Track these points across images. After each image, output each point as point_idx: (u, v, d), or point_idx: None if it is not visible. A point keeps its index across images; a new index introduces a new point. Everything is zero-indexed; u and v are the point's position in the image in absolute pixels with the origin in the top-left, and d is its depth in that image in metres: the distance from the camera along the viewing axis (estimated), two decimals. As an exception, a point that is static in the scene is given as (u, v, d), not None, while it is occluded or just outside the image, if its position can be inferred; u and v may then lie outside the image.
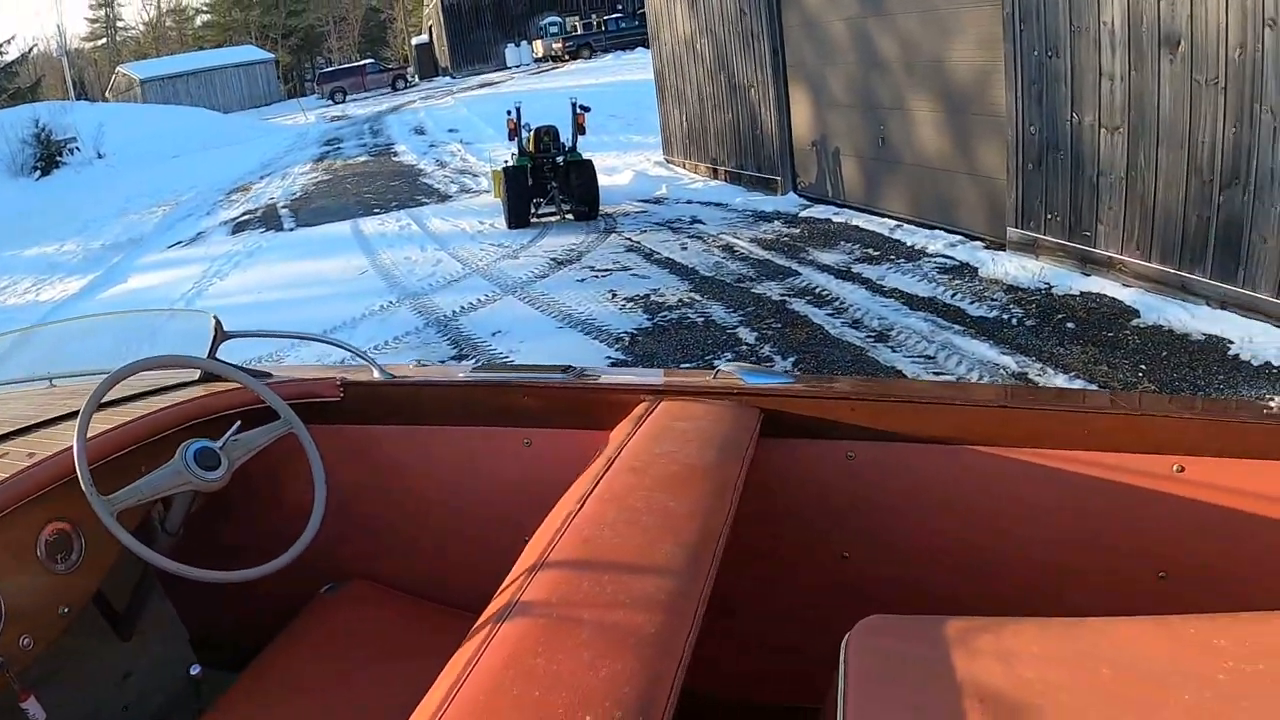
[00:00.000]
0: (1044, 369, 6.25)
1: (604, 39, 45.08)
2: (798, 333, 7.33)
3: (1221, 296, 6.54)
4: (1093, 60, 7.36)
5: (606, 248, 10.63)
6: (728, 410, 2.14)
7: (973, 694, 1.19)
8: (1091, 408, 2.16)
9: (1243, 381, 5.75)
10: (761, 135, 12.61)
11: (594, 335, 7.68)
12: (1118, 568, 2.11)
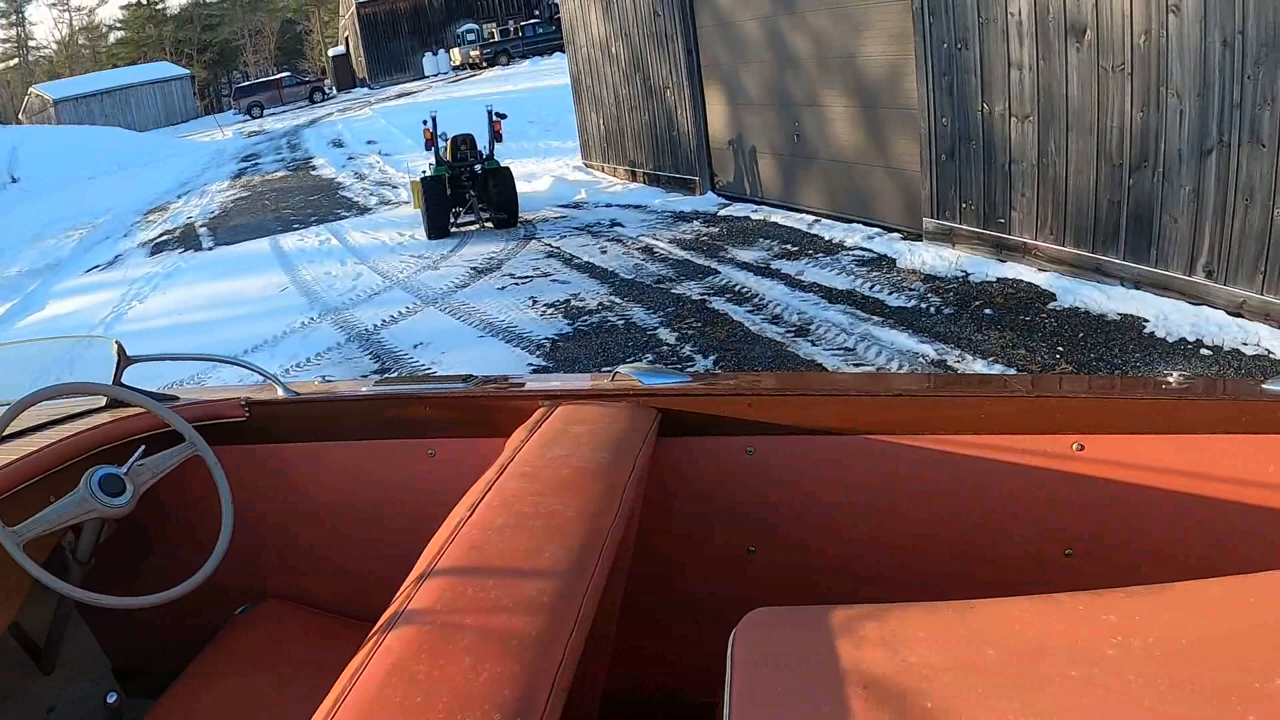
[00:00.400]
0: (963, 355, 6.21)
1: (521, 45, 44.50)
2: (718, 331, 7.25)
3: (1135, 276, 6.56)
4: (1001, 51, 7.36)
5: (527, 255, 10.50)
6: (623, 412, 2.12)
7: (856, 681, 1.17)
8: (987, 392, 2.18)
9: (1158, 358, 5.76)
10: (678, 136, 12.51)
11: (515, 343, 7.57)
12: (1024, 548, 2.10)
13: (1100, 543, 2.07)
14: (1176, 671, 1.14)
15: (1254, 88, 5.64)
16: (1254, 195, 5.71)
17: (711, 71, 11.66)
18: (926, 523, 2.15)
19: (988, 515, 2.11)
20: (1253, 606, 1.28)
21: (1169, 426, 1.99)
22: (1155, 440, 2.00)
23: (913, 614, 1.30)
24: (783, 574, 2.25)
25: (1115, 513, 2.05)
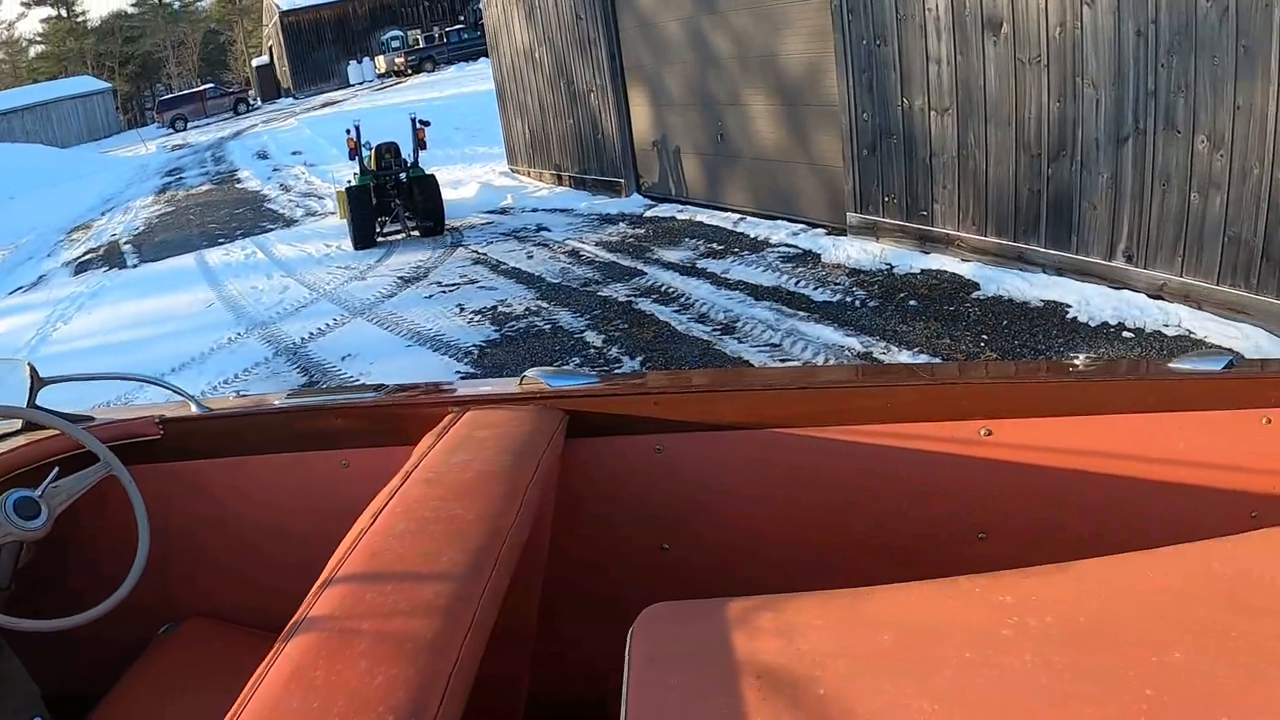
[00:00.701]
0: (888, 347, 6.16)
1: (446, 51, 43.60)
2: (645, 332, 7.16)
3: (1057, 263, 6.55)
4: (920, 46, 7.33)
5: (453, 262, 10.31)
6: (530, 415, 2.10)
7: (750, 672, 1.15)
8: (893, 381, 2.16)
9: (1081, 342, 5.75)
10: (603, 139, 12.39)
11: (443, 351, 7.40)
12: (938, 534, 2.10)
13: (1013, 526, 2.07)
14: (1073, 650, 1.14)
15: (1168, 75, 5.65)
16: (1171, 180, 5.72)
17: (635, 73, 11.56)
18: (839, 513, 2.14)
19: (900, 503, 2.11)
20: (1151, 581, 1.28)
21: (1075, 408, 2.00)
22: (1062, 422, 2.01)
23: (809, 602, 1.28)
24: (697, 570, 2.23)
25: (1026, 495, 2.05)
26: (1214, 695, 1.07)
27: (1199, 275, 5.65)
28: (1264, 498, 2.04)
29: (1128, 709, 1.04)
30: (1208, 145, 5.50)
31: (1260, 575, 1.28)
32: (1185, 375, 2.02)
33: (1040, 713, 1.06)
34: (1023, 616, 1.19)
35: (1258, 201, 5.28)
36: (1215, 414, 2.01)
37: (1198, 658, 1.12)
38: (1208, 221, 5.56)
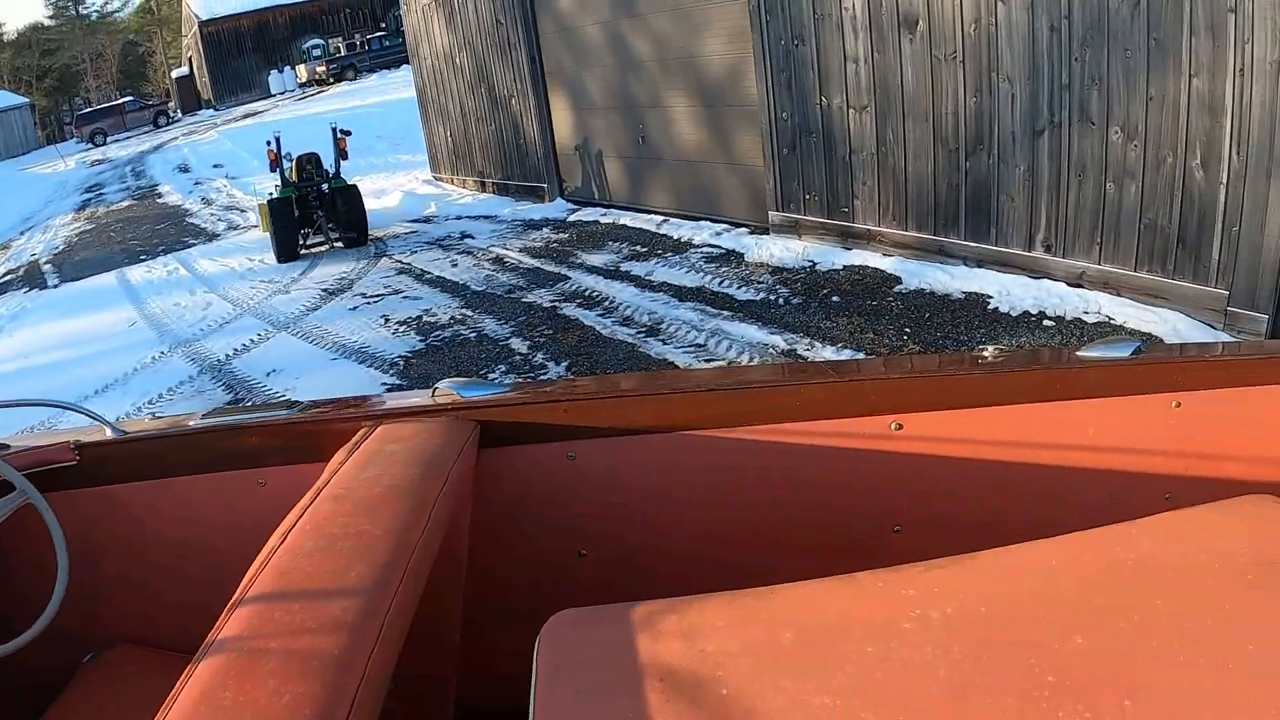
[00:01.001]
0: (812, 344, 6.08)
1: (368, 59, 42.10)
2: (569, 337, 7.03)
3: (978, 256, 6.52)
4: (837, 45, 7.27)
5: (377, 273, 10.04)
6: (440, 427, 2.06)
7: (654, 675, 1.15)
8: (801, 380, 2.16)
9: (1003, 331, 5.71)
10: (525, 144, 12.21)
11: (368, 363, 7.21)
12: (854, 529, 2.10)
13: (927, 518, 2.07)
14: (974, 639, 1.15)
15: (1081, 69, 5.63)
16: (1086, 171, 5.70)
17: (556, 78, 11.40)
18: (754, 512, 2.12)
19: (814, 499, 2.10)
20: (1054, 569, 1.29)
21: (984, 400, 2.01)
22: (972, 414, 2.02)
23: (713, 604, 1.28)
24: (615, 574, 2.21)
25: (938, 487, 2.05)
26: (1116, 678, 1.07)
27: (1117, 263, 5.64)
28: (1177, 479, 2.06)
29: (1028, 696, 1.05)
30: (1122, 136, 5.49)
31: (1163, 560, 1.30)
32: (1093, 363, 2.03)
33: (940, 703, 1.05)
34: (925, 609, 1.20)
35: (1171, 189, 5.27)
36: (1125, 399, 2.03)
37: (1100, 642, 1.13)
38: (1124, 210, 5.55)
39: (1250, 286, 4.97)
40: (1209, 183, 5.11)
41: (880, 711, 1.05)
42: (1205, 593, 1.23)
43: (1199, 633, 1.15)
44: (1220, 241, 5.09)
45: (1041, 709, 1.04)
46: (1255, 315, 4.97)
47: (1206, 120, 5.08)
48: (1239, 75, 4.90)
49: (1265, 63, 4.76)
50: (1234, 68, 4.91)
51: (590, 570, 2.21)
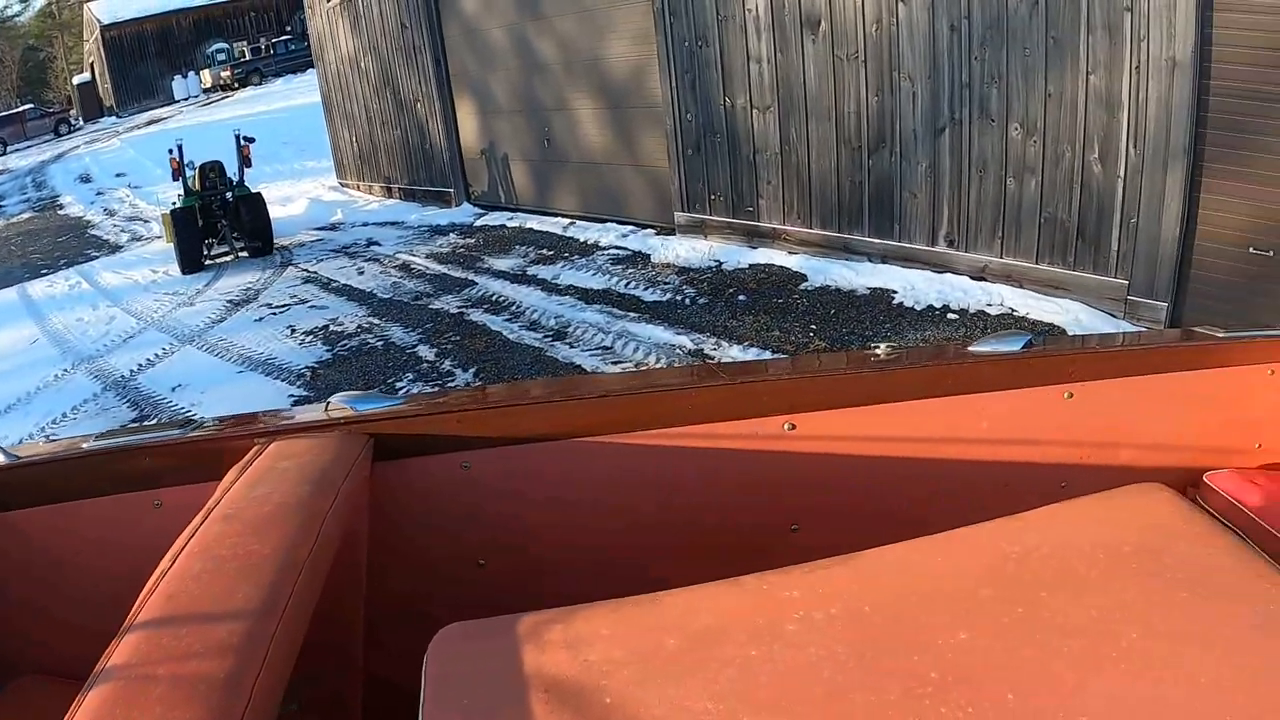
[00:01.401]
0: (719, 343, 5.91)
1: (274, 63, 40.06)
2: (477, 343, 6.75)
3: (882, 252, 6.43)
4: (741, 46, 7.14)
5: (283, 282, 9.56)
6: (333, 442, 1.97)
7: (539, 686, 1.13)
8: (692, 383, 2.10)
9: (908, 326, 5.61)
10: (431, 149, 11.90)
11: (275, 375, 6.84)
12: (751, 530, 2.06)
13: (822, 516, 2.04)
14: (858, 639, 1.14)
15: (981, 67, 5.57)
16: (987, 167, 5.64)
17: (461, 81, 11.11)
18: (651, 517, 2.07)
19: (711, 502, 2.05)
20: (939, 565, 1.28)
21: (876, 397, 1.99)
22: (864, 411, 1.99)
23: (598, 612, 1.26)
24: (516, 583, 2.15)
25: (834, 485, 2.03)
26: (999, 672, 1.07)
27: (1019, 255, 5.59)
28: (1072, 468, 2.08)
29: (911, 693, 1.04)
30: (1021, 132, 5.43)
31: (1048, 552, 1.29)
32: (984, 357, 2.02)
33: (822, 704, 1.04)
34: (808, 610, 1.19)
35: (1070, 184, 5.23)
36: (1018, 392, 2.03)
37: (984, 637, 1.12)
38: (1024, 204, 5.50)
39: (1149, 276, 4.94)
40: (1107, 176, 5.07)
41: (761, 714, 1.03)
42: (1089, 584, 1.23)
43: (1082, 624, 1.15)
44: (1119, 233, 5.05)
45: (924, 706, 1.03)
46: (1154, 303, 4.94)
47: (1104, 116, 5.04)
48: (1135, 72, 4.87)
49: (1160, 60, 4.73)
50: (1130, 65, 4.89)
51: (491, 580, 2.14)
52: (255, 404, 6.24)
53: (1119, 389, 2.11)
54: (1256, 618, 1.17)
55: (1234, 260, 4.66)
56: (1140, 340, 2.49)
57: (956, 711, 1.02)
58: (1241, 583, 1.24)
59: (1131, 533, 1.34)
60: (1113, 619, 1.16)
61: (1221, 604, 1.20)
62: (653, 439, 2.02)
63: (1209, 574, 1.26)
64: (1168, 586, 1.23)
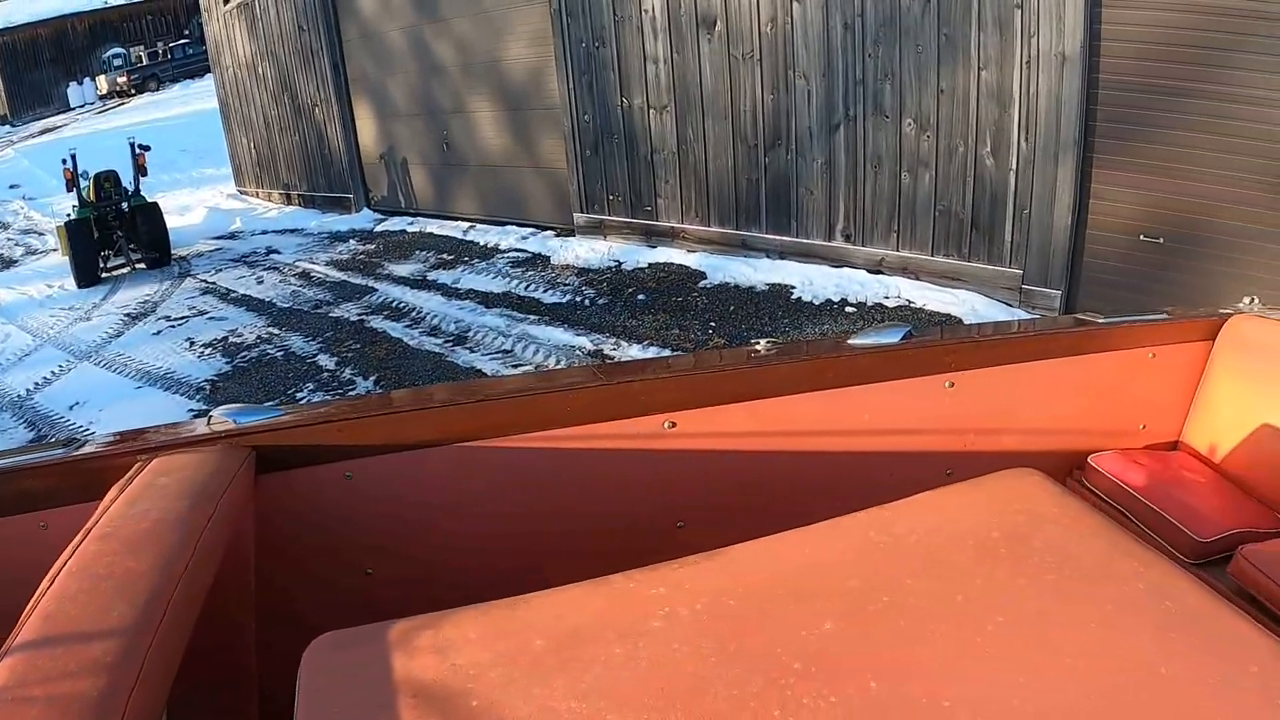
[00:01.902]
0: (618, 343, 5.68)
1: (171, 68, 37.65)
2: (377, 350, 6.41)
3: (780, 248, 6.26)
4: (637, 46, 6.92)
5: (182, 293, 9.02)
6: (214, 456, 1.89)
7: (408, 692, 1.09)
8: (572, 384, 2.03)
9: (806, 320, 5.43)
10: (330, 154, 11.44)
11: (174, 390, 6.43)
12: (638, 528, 2.02)
13: (707, 513, 2.00)
14: (722, 633, 1.11)
15: (875, 65, 5.43)
16: (882, 162, 5.50)
17: (360, 85, 10.70)
18: (536, 519, 2.02)
19: (595, 503, 2.01)
20: (807, 557, 1.26)
21: (755, 392, 1.97)
22: (746, 407, 1.97)
23: (467, 617, 1.23)
24: (403, 591, 2.04)
25: (716, 482, 1.99)
26: (862, 661, 1.05)
27: (915, 248, 5.46)
28: (956, 455, 2.08)
29: (773, 684, 1.02)
30: (915, 127, 5.30)
31: (916, 540, 1.27)
32: (864, 350, 2.00)
33: (684, 698, 1.02)
34: (674, 606, 1.16)
35: (964, 177, 5.11)
36: (899, 383, 2.02)
37: (849, 626, 1.10)
38: (919, 198, 5.37)
39: (1043, 265, 4.84)
40: (1000, 169, 4.96)
41: (625, 712, 1.01)
42: (956, 570, 1.21)
43: (947, 610, 1.13)
44: (1012, 224, 4.94)
45: (786, 696, 1.00)
46: (1049, 291, 4.84)
47: (996, 110, 4.93)
48: (1026, 67, 4.77)
49: (1050, 54, 4.64)
50: (1021, 60, 4.79)
51: (378, 588, 2.05)
52: (154, 420, 5.73)
53: (1000, 376, 2.09)
54: (1123, 597, 1.15)
55: (1125, 248, 4.59)
56: (1021, 328, 2.44)
57: (819, 701, 1.00)
58: (1109, 563, 1.22)
59: (999, 518, 1.32)
60: (979, 604, 1.14)
61: (1089, 585, 1.18)
62: (534, 441, 1.96)
63: (1077, 556, 1.24)
64: (1035, 570, 1.20)
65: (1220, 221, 4.28)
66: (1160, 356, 2.30)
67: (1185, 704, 1.00)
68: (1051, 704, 1.00)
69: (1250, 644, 1.08)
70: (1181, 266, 4.42)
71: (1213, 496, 2.15)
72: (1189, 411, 2.40)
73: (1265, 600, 1.88)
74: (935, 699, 1.00)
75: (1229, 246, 4.28)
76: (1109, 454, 2.28)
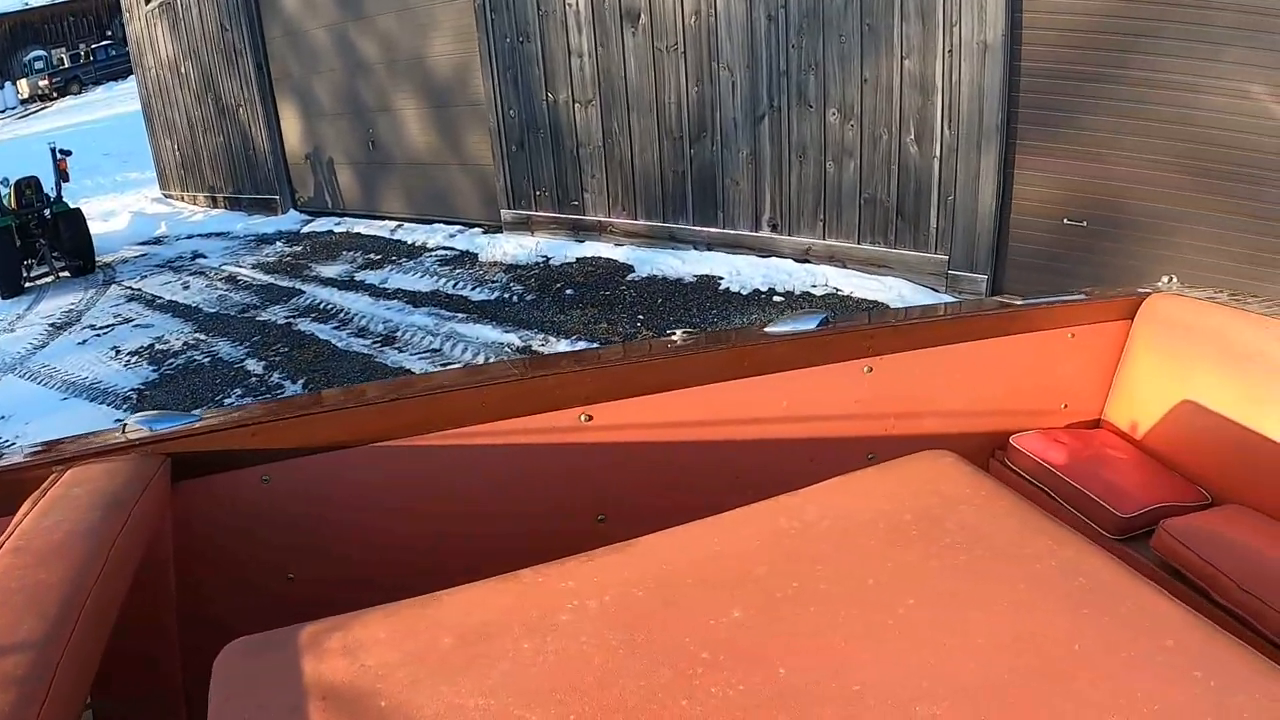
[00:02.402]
0: (546, 339, 5.47)
1: (94, 70, 35.92)
2: (305, 353, 6.11)
3: (707, 239, 6.08)
4: (562, 41, 6.70)
5: (107, 301, 8.52)
6: (128, 465, 1.80)
7: (317, 695, 1.03)
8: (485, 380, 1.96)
9: (734, 311, 5.26)
10: (255, 155, 11.02)
11: (101, 400, 6.09)
12: (559, 523, 1.96)
13: (628, 503, 1.96)
14: (630, 625, 1.08)
15: (799, 55, 5.28)
16: (807, 152, 5.35)
17: (284, 84, 10.30)
18: (456, 516, 1.95)
19: (515, 498, 1.94)
20: (715, 545, 1.23)
21: (672, 383, 1.93)
22: (663, 398, 1.93)
23: (376, 617, 1.17)
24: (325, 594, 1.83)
25: (633, 473, 1.95)
26: (771, 649, 1.02)
27: (841, 236, 5.31)
28: (877, 440, 2.05)
29: (682, 674, 0.99)
30: (839, 117, 5.15)
31: (827, 525, 1.24)
32: (781, 337, 1.97)
33: (592, 692, 0.98)
34: (582, 600, 1.13)
35: (889, 165, 4.98)
36: (817, 369, 1.98)
37: (757, 614, 1.08)
38: (844, 187, 5.23)
39: (969, 250, 4.73)
40: (924, 157, 4.83)
41: (532, 707, 0.97)
42: (867, 554, 1.18)
43: (858, 594, 1.10)
44: (937, 211, 4.82)
45: (694, 686, 0.98)
46: (974, 276, 4.73)
47: (919, 99, 4.81)
48: (948, 55, 4.65)
49: (972, 43, 4.52)
50: (943, 49, 4.67)
51: (301, 592, 1.97)
52: (80, 429, 5.37)
53: (920, 360, 2.06)
54: (1036, 576, 1.12)
55: (1049, 231, 4.49)
56: (939, 312, 2.38)
57: (727, 690, 0.96)
58: (1022, 543, 1.18)
59: (912, 500, 1.28)
60: (890, 588, 1.11)
61: (1001, 565, 1.14)
62: (451, 439, 1.91)
63: (990, 536, 1.20)
64: (948, 552, 1.17)
65: (1141, 204, 4.20)
66: (1080, 336, 2.27)
67: (1100, 681, 0.96)
68: (962, 685, 0.96)
69: (1166, 618, 1.04)
70: (1105, 249, 4.33)
71: (1134, 472, 2.13)
72: (1109, 390, 2.38)
73: (1188, 573, 1.87)
74: (845, 684, 0.96)
75: (1150, 228, 4.20)
76: (1031, 434, 2.24)
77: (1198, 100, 3.94)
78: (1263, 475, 2.01)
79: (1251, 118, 3.82)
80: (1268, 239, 3.87)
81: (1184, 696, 0.94)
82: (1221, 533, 1.90)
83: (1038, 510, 1.27)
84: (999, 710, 0.93)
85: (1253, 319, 2.11)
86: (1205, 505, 2.08)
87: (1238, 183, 3.91)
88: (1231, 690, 0.94)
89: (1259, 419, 2.03)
